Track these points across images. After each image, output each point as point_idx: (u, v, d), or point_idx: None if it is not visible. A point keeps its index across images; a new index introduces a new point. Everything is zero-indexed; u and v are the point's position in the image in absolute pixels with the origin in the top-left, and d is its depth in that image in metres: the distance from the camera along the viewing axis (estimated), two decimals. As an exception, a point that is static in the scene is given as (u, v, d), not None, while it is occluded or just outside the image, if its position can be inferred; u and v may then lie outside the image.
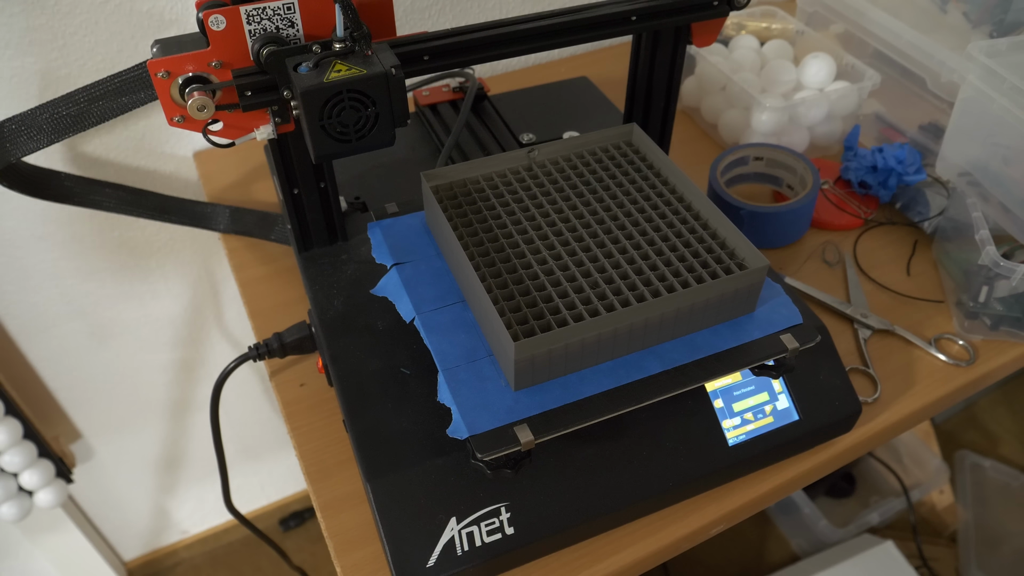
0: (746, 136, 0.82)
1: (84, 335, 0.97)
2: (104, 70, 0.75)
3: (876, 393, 0.61)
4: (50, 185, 0.65)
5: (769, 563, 1.38)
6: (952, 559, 1.36)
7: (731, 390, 0.52)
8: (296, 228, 0.57)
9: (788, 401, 0.53)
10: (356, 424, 0.47)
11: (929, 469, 1.37)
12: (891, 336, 0.66)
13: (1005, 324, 0.65)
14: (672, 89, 0.64)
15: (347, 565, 0.51)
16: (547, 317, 0.46)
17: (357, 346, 0.51)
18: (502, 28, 0.53)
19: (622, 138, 0.59)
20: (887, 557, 1.23)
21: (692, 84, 0.90)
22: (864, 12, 0.81)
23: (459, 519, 0.46)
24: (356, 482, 0.55)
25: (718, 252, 0.50)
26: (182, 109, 0.47)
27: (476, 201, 0.54)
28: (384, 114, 0.46)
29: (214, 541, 1.39)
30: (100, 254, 0.91)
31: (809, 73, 0.83)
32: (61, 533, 1.13)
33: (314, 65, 0.45)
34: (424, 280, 0.53)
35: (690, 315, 0.48)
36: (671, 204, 0.54)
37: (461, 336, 0.49)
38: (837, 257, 0.73)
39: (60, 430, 1.06)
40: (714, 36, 0.61)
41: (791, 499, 1.35)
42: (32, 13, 0.72)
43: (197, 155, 0.87)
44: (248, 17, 0.45)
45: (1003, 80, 0.65)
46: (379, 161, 0.73)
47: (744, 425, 0.52)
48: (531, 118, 0.80)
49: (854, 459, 0.61)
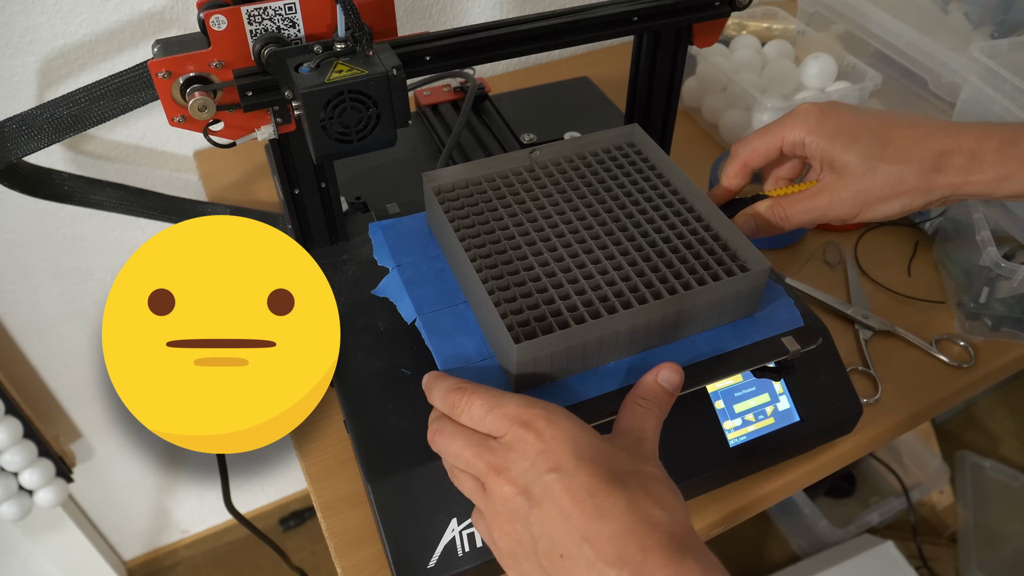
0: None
1: (84, 335, 0.97)
2: (104, 70, 0.75)
3: (877, 394, 0.61)
4: (50, 185, 0.65)
5: (769, 563, 1.38)
6: (952, 559, 1.36)
7: (732, 391, 0.52)
8: (297, 228, 0.57)
9: (789, 402, 0.53)
10: (357, 425, 0.47)
11: (929, 469, 1.37)
12: (892, 337, 0.66)
13: (1006, 325, 0.65)
14: (673, 89, 0.64)
15: (347, 565, 0.51)
16: (549, 319, 0.46)
17: (358, 347, 0.50)
18: (503, 28, 0.53)
19: (623, 138, 0.59)
20: (887, 557, 1.23)
21: (693, 84, 0.90)
22: (865, 12, 0.81)
23: (460, 520, 0.46)
24: (356, 482, 0.55)
25: (720, 254, 0.50)
26: (183, 109, 0.47)
27: (478, 202, 0.54)
28: (385, 114, 0.46)
29: (214, 541, 1.39)
30: (100, 254, 0.91)
31: (810, 73, 0.83)
32: (61, 532, 1.13)
33: (315, 65, 0.45)
34: (425, 281, 0.52)
35: (692, 317, 0.48)
36: (672, 205, 0.54)
37: (462, 337, 0.49)
38: (838, 258, 0.73)
39: (60, 430, 1.06)
40: (715, 36, 0.61)
41: (791, 499, 1.35)
42: (32, 12, 0.71)
43: (197, 155, 0.87)
44: (249, 17, 0.45)
45: (1004, 81, 0.65)
46: (380, 161, 0.73)
47: (745, 426, 0.52)
48: (532, 118, 0.80)
49: (855, 460, 0.61)
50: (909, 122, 0.50)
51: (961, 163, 0.48)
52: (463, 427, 0.41)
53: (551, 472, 0.36)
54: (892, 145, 0.49)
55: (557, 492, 0.36)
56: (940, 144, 0.48)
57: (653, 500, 0.36)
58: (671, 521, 0.36)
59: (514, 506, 0.37)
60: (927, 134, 0.49)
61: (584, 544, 0.35)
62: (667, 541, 0.34)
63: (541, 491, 0.36)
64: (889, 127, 0.50)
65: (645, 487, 0.37)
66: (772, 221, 0.53)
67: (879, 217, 0.51)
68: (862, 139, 0.49)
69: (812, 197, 0.52)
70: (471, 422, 0.40)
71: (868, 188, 0.49)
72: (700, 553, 0.35)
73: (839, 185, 0.50)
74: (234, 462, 0.72)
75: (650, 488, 0.37)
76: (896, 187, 0.49)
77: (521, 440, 0.38)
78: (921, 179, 0.48)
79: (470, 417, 0.40)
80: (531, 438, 0.37)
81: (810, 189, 0.52)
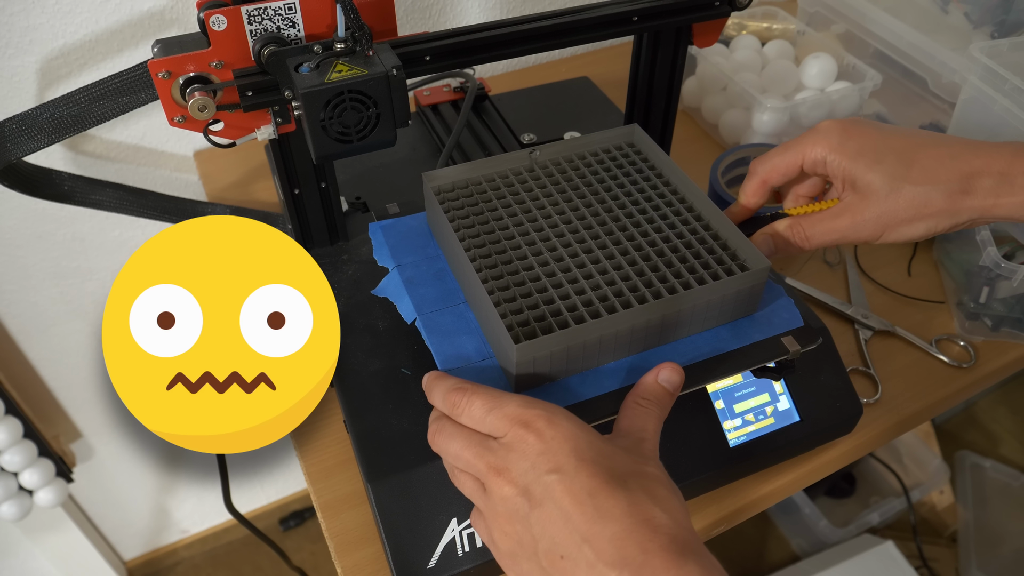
0: (747, 136, 0.82)
1: (84, 335, 0.97)
2: (104, 70, 0.75)
3: (877, 394, 0.61)
4: (50, 185, 0.65)
5: (769, 563, 1.38)
6: (952, 559, 1.36)
7: (732, 391, 0.52)
8: (296, 228, 0.57)
9: (789, 402, 0.53)
10: (357, 425, 0.47)
11: (929, 469, 1.37)
12: (892, 337, 0.66)
13: (1006, 325, 0.65)
14: (673, 89, 0.64)
15: (347, 565, 0.51)
16: (548, 319, 0.46)
17: (358, 347, 0.50)
18: (503, 28, 0.53)
19: (623, 138, 0.59)
20: (887, 557, 1.23)
21: (693, 84, 0.90)
22: (865, 12, 0.81)
23: (460, 520, 0.46)
24: (356, 482, 0.55)
25: (719, 253, 0.50)
26: (183, 109, 0.47)
27: (477, 202, 0.54)
28: (385, 114, 0.46)
29: (214, 541, 1.39)
30: (100, 254, 0.91)
31: (810, 73, 0.83)
32: (61, 532, 1.13)
33: (315, 65, 0.45)
34: (425, 281, 0.52)
35: (691, 317, 0.48)
36: (672, 205, 0.54)
37: (462, 337, 0.49)
38: (838, 258, 0.73)
39: (60, 430, 1.06)
40: (715, 36, 0.61)
41: (791, 499, 1.35)
42: (32, 12, 0.71)
43: (197, 155, 0.87)
44: (249, 17, 0.45)
45: (1004, 81, 0.65)
46: (380, 161, 0.73)
47: (745, 426, 0.52)
48: (532, 118, 0.80)
49: (855, 460, 0.61)
50: (935, 142, 0.48)
51: (990, 185, 0.46)
52: (463, 427, 0.41)
53: (551, 473, 0.36)
54: (918, 165, 0.47)
55: (558, 493, 0.36)
56: (968, 165, 0.47)
57: (654, 501, 0.36)
58: (672, 523, 0.36)
59: (514, 507, 0.37)
60: (954, 155, 0.47)
61: (585, 545, 0.35)
62: (668, 544, 0.34)
63: (541, 492, 0.36)
64: (914, 147, 0.48)
65: (646, 488, 0.37)
66: (792, 241, 0.52)
67: (902, 239, 0.49)
68: (886, 159, 0.48)
69: (834, 217, 0.50)
70: (471, 422, 0.40)
71: (892, 209, 0.48)
72: (701, 556, 0.35)
73: (862, 206, 0.49)
74: (234, 462, 0.73)
75: (651, 489, 0.37)
76: (921, 209, 0.47)
77: (521, 441, 0.38)
78: (948, 201, 0.47)
79: (470, 417, 0.40)
80: (531, 439, 0.37)
81: (831, 209, 0.51)
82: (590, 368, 0.47)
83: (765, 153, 0.53)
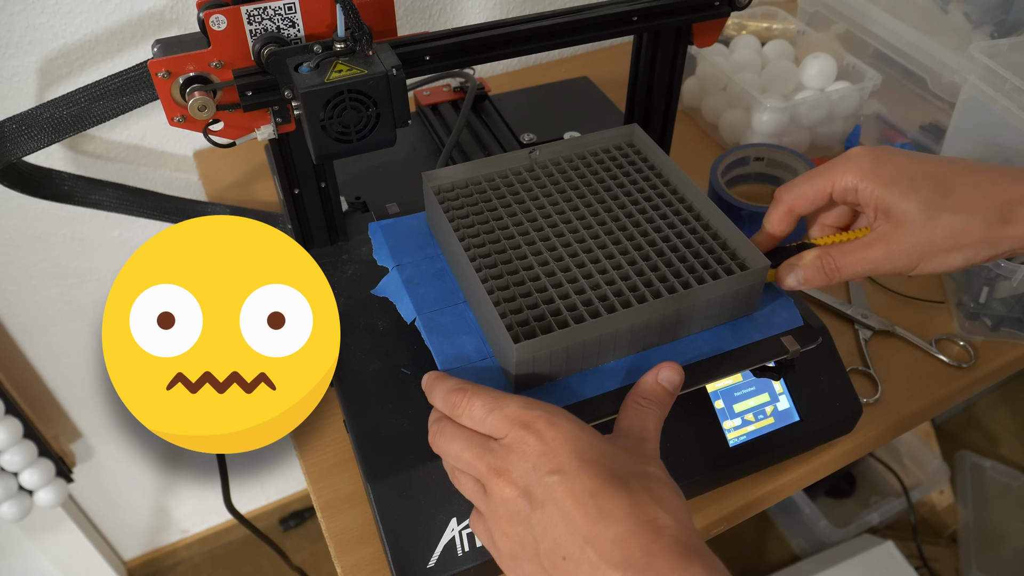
0: (747, 136, 0.82)
1: (84, 335, 0.97)
2: (104, 70, 0.75)
3: (877, 394, 0.61)
4: (50, 185, 0.65)
5: (769, 563, 1.38)
6: (952, 559, 1.36)
7: (732, 391, 0.52)
8: (296, 228, 0.57)
9: (789, 402, 0.53)
10: (357, 424, 0.47)
11: (929, 469, 1.37)
12: (892, 337, 0.66)
13: (1006, 325, 0.65)
14: (673, 89, 0.64)
15: (347, 565, 0.51)
16: (548, 318, 0.46)
17: (358, 346, 0.51)
18: (503, 28, 0.53)
19: (623, 138, 0.59)
20: (887, 557, 1.23)
21: (693, 84, 0.90)
22: (865, 12, 0.81)
23: (460, 520, 0.46)
24: (356, 482, 0.55)
25: (719, 252, 0.50)
26: (183, 109, 0.47)
27: (477, 201, 0.54)
28: (385, 114, 0.46)
29: (214, 541, 1.39)
30: (100, 254, 0.91)
31: (810, 73, 0.83)
32: (61, 532, 1.13)
33: (315, 65, 0.45)
34: (425, 281, 0.52)
35: (691, 316, 0.48)
36: (672, 204, 0.54)
37: (462, 337, 0.49)
38: (838, 258, 0.73)
39: (60, 430, 1.06)
40: (715, 36, 0.61)
41: (791, 499, 1.35)
42: (32, 12, 0.71)
43: (197, 155, 0.87)
44: (249, 17, 0.45)
45: (1004, 81, 0.65)
46: (380, 161, 0.73)
47: (745, 426, 0.52)
48: (532, 118, 0.80)
49: (855, 460, 0.61)
50: (970, 169, 0.47)
51: None
52: (464, 428, 0.41)
53: (552, 474, 0.36)
54: (955, 193, 0.45)
55: (559, 494, 0.36)
56: (1007, 193, 0.45)
57: (657, 502, 0.36)
58: (676, 524, 0.35)
59: (515, 508, 0.37)
60: (993, 182, 0.46)
61: (587, 546, 0.35)
62: (672, 545, 0.34)
63: (542, 493, 0.36)
64: (951, 174, 0.46)
65: (648, 488, 0.37)
66: (822, 272, 0.49)
67: (938, 270, 0.47)
68: (922, 186, 0.46)
69: (866, 247, 0.47)
70: (472, 423, 0.40)
71: (929, 239, 0.46)
72: (705, 557, 0.35)
73: (896, 235, 0.46)
74: (234, 462, 0.73)
75: (653, 489, 0.37)
76: (960, 239, 0.45)
77: (522, 442, 0.38)
78: (988, 230, 0.45)
79: (471, 418, 0.40)
80: (532, 440, 0.37)
81: (863, 238, 0.48)
82: (590, 368, 0.47)
83: (791, 180, 0.51)
